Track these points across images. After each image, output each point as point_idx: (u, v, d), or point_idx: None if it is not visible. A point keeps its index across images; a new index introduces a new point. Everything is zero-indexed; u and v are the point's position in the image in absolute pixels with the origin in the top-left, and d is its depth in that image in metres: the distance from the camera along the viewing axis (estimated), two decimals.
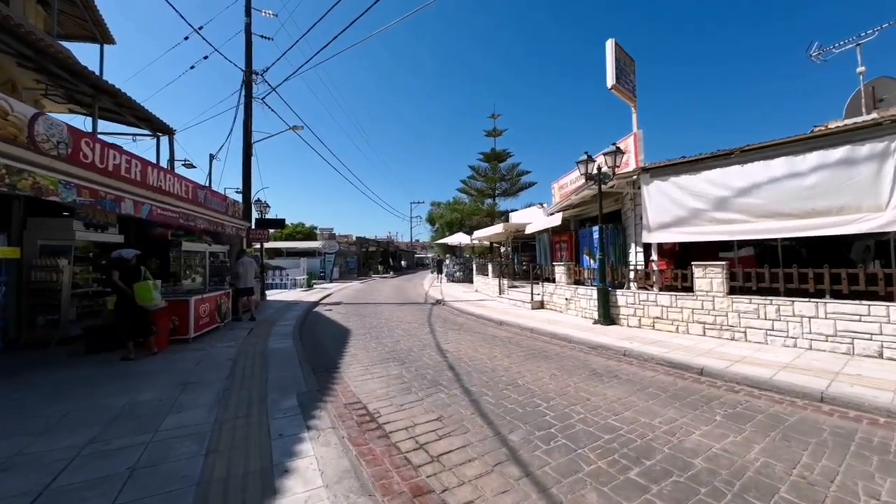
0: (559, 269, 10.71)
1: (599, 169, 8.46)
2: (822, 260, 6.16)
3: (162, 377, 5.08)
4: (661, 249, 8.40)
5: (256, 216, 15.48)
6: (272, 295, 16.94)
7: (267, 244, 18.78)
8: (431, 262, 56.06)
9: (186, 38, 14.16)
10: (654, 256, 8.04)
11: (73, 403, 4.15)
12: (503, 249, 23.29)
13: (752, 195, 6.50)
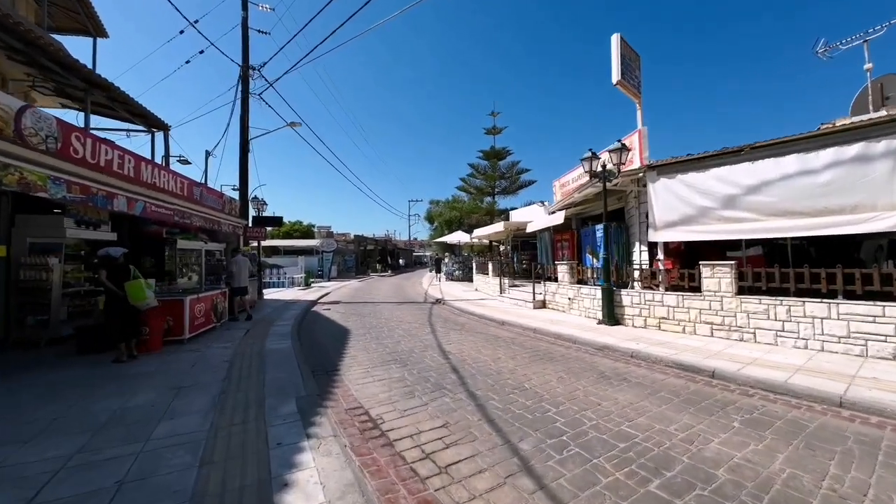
0: (562, 268, 10.56)
1: (604, 166, 8.29)
2: (829, 260, 6.03)
3: (155, 380, 4.90)
4: (665, 248, 8.25)
5: (253, 214, 15.27)
6: (269, 294, 16.73)
7: (264, 242, 18.55)
8: (430, 260, 55.90)
9: (182, 31, 13.95)
10: (660, 255, 7.89)
11: (61, 408, 3.97)
12: (502, 248, 23.14)
13: (762, 193, 6.35)
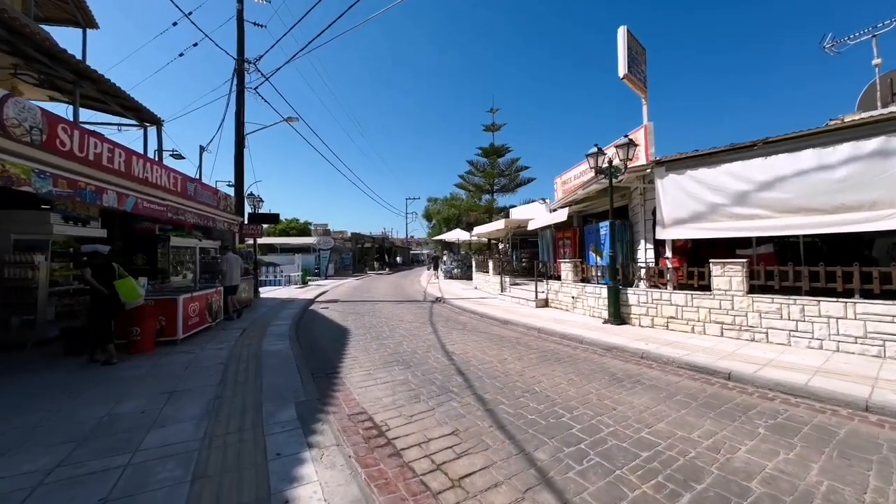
0: (565, 266, 10.37)
1: (611, 162, 8.10)
2: (839, 258, 5.87)
3: (146, 384, 4.65)
4: (672, 246, 8.08)
5: (249, 210, 14.99)
6: (266, 292, 16.43)
7: (260, 240, 18.24)
8: (427, 258, 55.65)
9: (175, 23, 13.58)
10: (668, 253, 7.71)
11: (43, 415, 3.72)
12: (501, 246, 22.97)
13: (775, 189, 6.18)
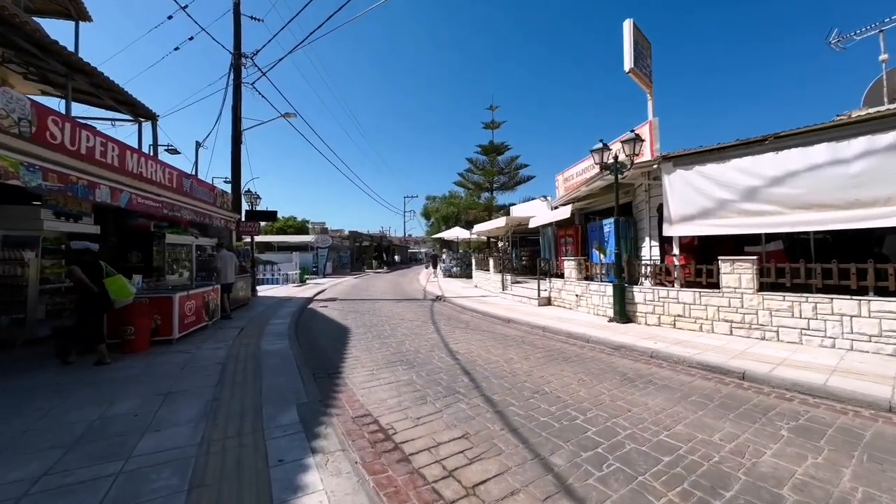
0: (569, 264, 10.23)
1: (616, 158, 7.95)
2: (848, 255, 5.74)
3: (140, 385, 4.47)
4: (679, 243, 7.94)
5: (246, 208, 14.75)
6: (263, 291, 16.22)
7: (257, 238, 18.01)
8: (425, 256, 55.44)
9: (170, 17, 13.33)
10: (675, 250, 7.58)
11: (32, 419, 3.54)
12: (500, 244, 22.80)
13: (786, 185, 6.04)
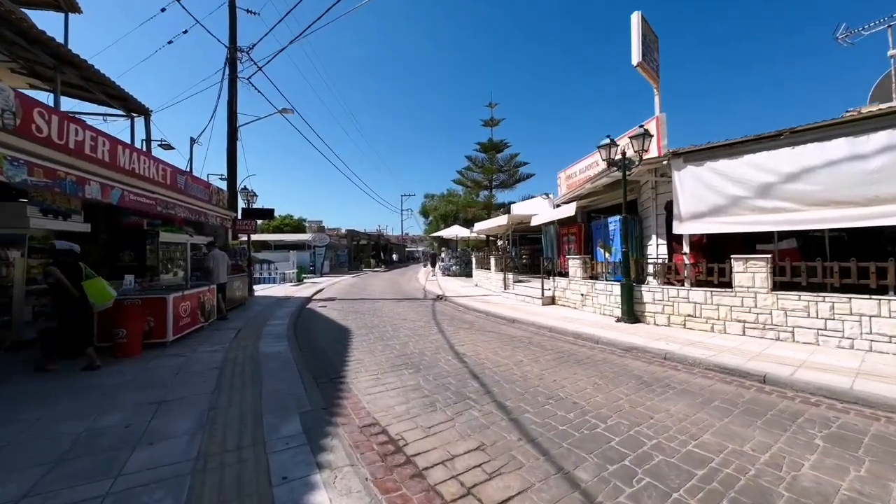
0: (573, 262, 10.04)
1: (624, 154, 7.76)
2: (863, 254, 5.59)
3: (132, 392, 4.22)
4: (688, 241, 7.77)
5: (243, 205, 14.44)
6: (260, 290, 15.93)
7: (254, 236, 17.71)
8: (422, 255, 55.20)
9: (163, 9, 13.00)
10: (685, 249, 7.40)
11: (15, 431, 3.29)
12: (500, 243, 22.61)
13: (802, 181, 5.87)
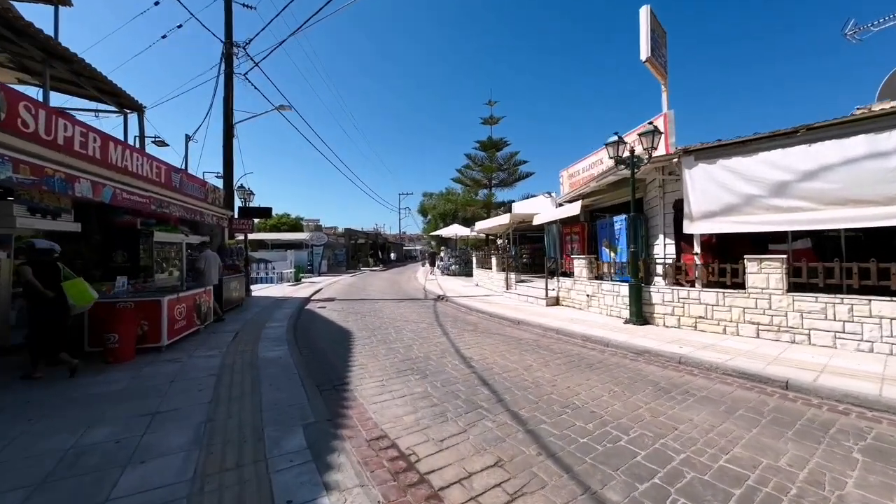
0: (579, 262, 9.85)
1: (632, 151, 7.57)
2: (880, 255, 5.43)
3: (124, 403, 3.98)
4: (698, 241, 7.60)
5: (239, 204, 14.17)
6: (258, 290, 15.65)
7: (250, 236, 17.41)
8: (420, 254, 54.98)
9: (157, 2, 12.69)
10: (696, 249, 7.23)
11: None
12: (500, 242, 22.42)
13: (819, 179, 5.70)
